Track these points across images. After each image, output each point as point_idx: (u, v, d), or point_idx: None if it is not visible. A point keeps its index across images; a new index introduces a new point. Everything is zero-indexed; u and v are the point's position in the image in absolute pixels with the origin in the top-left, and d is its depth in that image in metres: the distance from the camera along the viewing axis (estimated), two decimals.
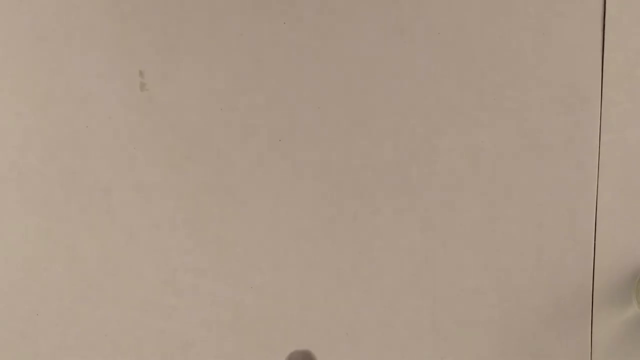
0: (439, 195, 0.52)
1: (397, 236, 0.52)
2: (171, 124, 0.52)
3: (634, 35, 0.50)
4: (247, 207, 0.53)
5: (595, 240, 0.51)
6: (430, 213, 0.52)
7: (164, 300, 0.53)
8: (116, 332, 0.54)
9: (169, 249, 0.53)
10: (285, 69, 0.52)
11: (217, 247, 0.53)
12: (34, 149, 0.52)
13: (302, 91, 0.52)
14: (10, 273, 0.53)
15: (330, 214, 0.52)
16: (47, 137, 0.52)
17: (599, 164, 0.51)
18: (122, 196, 0.53)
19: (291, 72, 0.52)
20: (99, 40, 0.52)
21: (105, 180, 0.53)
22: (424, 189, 0.52)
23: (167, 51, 0.52)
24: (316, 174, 0.52)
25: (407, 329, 0.53)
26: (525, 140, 0.51)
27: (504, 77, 0.51)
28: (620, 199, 0.51)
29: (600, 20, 0.50)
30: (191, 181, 0.52)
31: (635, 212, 0.51)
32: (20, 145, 0.52)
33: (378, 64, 0.51)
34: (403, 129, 0.52)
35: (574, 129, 0.51)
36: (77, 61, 0.52)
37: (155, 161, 0.52)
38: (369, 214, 0.52)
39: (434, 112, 0.51)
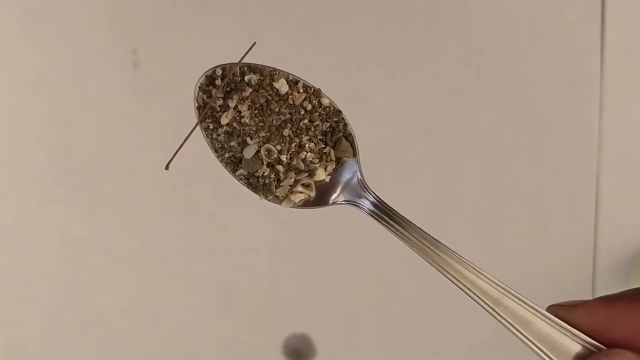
0: (437, 175, 0.51)
1: None
2: (165, 103, 0.51)
3: (634, 11, 0.50)
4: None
5: (596, 220, 0.51)
6: (428, 194, 0.51)
7: (158, 284, 0.53)
8: (109, 315, 0.53)
9: (163, 231, 0.52)
10: (281, 44, 0.51)
11: (211, 230, 0.52)
12: (25, 128, 0.52)
13: (298, 66, 0.51)
14: (0, 255, 0.52)
15: None
16: (38, 116, 0.51)
17: (599, 142, 0.50)
18: (114, 177, 0.52)
19: (287, 47, 0.51)
20: (92, 17, 0.51)
21: (97, 161, 0.52)
22: (421, 168, 0.51)
23: (161, 29, 0.51)
24: None
25: (405, 312, 0.52)
26: (525, 118, 0.51)
27: (503, 54, 0.50)
28: (621, 178, 0.51)
29: None
30: (185, 161, 0.52)
31: (637, 191, 0.51)
32: (10, 124, 0.51)
33: (375, 39, 0.51)
34: (400, 106, 0.51)
35: (574, 107, 0.50)
36: (69, 39, 0.51)
37: (148, 142, 0.51)
38: None
39: (432, 89, 0.51)
